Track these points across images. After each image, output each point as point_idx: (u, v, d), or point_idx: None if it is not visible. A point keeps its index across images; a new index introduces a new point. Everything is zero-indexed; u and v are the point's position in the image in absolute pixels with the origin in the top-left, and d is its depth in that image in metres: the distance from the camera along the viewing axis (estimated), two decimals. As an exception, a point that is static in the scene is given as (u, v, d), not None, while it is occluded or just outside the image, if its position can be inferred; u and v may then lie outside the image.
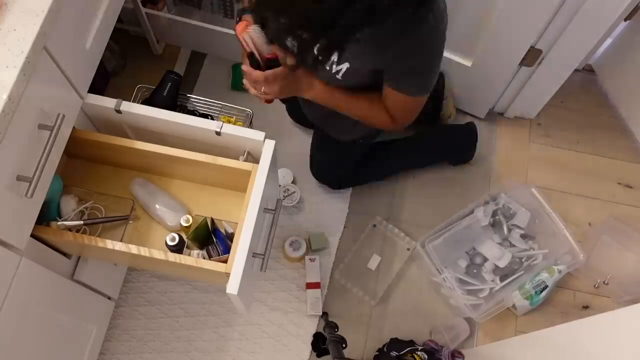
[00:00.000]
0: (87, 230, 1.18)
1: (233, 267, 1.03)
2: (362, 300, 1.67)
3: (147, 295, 1.63)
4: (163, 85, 1.61)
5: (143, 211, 1.25)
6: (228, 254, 1.09)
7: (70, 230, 1.11)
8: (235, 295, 1.01)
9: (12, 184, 0.90)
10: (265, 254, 1.10)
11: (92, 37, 1.10)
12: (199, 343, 1.59)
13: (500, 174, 1.87)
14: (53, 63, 0.96)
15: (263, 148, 1.13)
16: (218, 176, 1.20)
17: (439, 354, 1.53)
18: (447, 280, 1.58)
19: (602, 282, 1.69)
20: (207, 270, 1.07)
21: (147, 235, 1.24)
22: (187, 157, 1.14)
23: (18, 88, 0.85)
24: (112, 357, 1.57)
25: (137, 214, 1.25)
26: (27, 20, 0.88)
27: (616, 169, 1.89)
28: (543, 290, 1.62)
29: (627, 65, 1.89)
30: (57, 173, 1.09)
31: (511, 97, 1.85)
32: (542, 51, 1.60)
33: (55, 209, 1.14)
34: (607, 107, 1.99)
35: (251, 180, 1.10)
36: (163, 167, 1.23)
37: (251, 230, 1.05)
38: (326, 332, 1.49)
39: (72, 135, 1.10)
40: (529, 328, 1.65)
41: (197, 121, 1.15)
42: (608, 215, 1.80)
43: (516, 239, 1.66)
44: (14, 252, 0.96)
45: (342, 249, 1.73)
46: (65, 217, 1.14)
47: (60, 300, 1.19)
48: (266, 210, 1.15)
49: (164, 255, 1.07)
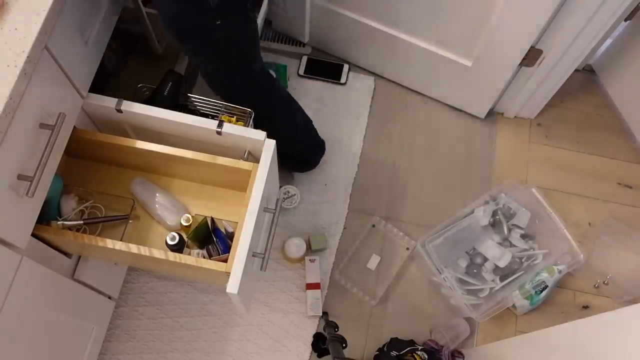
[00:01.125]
0: (87, 230, 1.18)
1: (233, 266, 1.03)
2: (362, 300, 1.67)
3: (148, 295, 1.63)
4: (164, 84, 1.60)
5: (143, 210, 1.25)
6: (228, 253, 1.09)
7: (70, 229, 1.11)
8: (235, 294, 1.01)
9: (12, 183, 0.90)
10: (265, 254, 1.10)
11: (93, 37, 1.10)
12: (199, 343, 1.59)
13: (500, 174, 1.87)
14: (54, 62, 0.96)
15: (263, 147, 1.13)
16: (219, 176, 1.20)
17: (439, 353, 1.53)
18: (447, 280, 1.58)
19: (602, 282, 1.70)
20: (207, 270, 1.07)
21: (147, 234, 1.24)
22: (188, 157, 1.14)
23: (19, 87, 0.85)
24: (112, 357, 1.56)
25: (137, 213, 1.25)
26: (28, 20, 0.88)
27: (616, 169, 1.90)
28: (543, 290, 1.62)
29: (627, 65, 1.89)
30: (58, 172, 1.09)
31: (511, 97, 1.85)
32: (542, 51, 1.60)
33: (55, 209, 1.14)
34: (607, 107, 1.99)
35: (251, 180, 1.11)
36: (163, 166, 1.23)
37: (251, 229, 1.05)
38: (326, 332, 1.49)
39: (72, 135, 1.10)
40: (529, 328, 1.65)
41: (197, 120, 1.15)
42: (608, 215, 1.80)
43: (516, 239, 1.66)
44: (14, 251, 0.96)
45: (341, 249, 1.73)
46: (65, 217, 1.14)
47: (61, 300, 1.19)
48: (266, 209, 1.15)
49: (164, 255, 1.07)
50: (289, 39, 2.03)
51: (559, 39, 1.54)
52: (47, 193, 1.04)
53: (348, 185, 1.82)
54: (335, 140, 1.87)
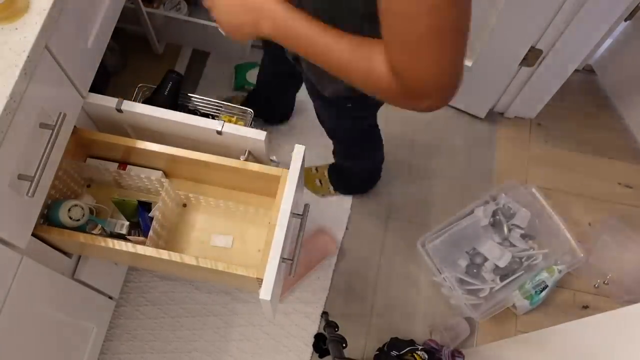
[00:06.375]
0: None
1: (265, 273, 1.02)
2: (362, 300, 1.67)
3: (149, 295, 1.63)
4: (164, 84, 1.61)
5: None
6: (147, 235, 1.11)
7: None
8: (268, 301, 1.01)
9: (13, 183, 0.90)
10: (294, 259, 1.09)
11: (93, 36, 1.10)
12: (200, 343, 1.59)
13: (500, 174, 1.87)
14: (54, 62, 0.96)
15: (293, 153, 1.11)
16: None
17: (439, 353, 1.53)
18: (447, 280, 1.58)
19: (602, 282, 1.70)
20: (236, 276, 1.05)
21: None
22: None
23: (19, 87, 0.85)
24: (113, 356, 1.57)
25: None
26: (29, 19, 0.88)
27: (616, 169, 1.90)
28: (543, 290, 1.62)
29: (627, 65, 1.89)
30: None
31: (511, 97, 1.85)
32: (542, 51, 1.60)
33: (57, 209, 1.14)
34: (607, 107, 1.99)
35: (281, 186, 1.09)
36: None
37: (282, 236, 1.04)
38: (326, 332, 1.49)
39: (73, 135, 1.10)
40: (529, 328, 1.65)
41: (198, 120, 1.15)
42: (608, 215, 1.80)
43: (516, 238, 1.66)
44: (15, 251, 0.96)
45: (343, 249, 1.73)
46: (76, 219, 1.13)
47: (61, 300, 1.19)
48: (294, 215, 1.13)
49: (195, 261, 1.04)
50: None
51: (559, 39, 1.54)
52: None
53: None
54: (336, 140, 1.87)
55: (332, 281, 1.68)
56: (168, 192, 1.17)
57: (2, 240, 0.92)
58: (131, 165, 1.21)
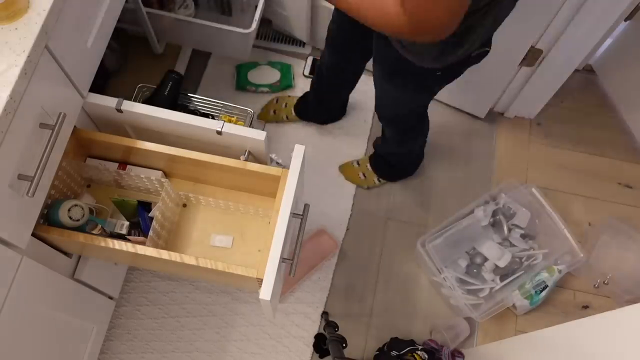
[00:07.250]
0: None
1: (265, 273, 1.02)
2: (362, 300, 1.67)
3: (150, 295, 1.63)
4: (164, 84, 1.61)
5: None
6: (147, 235, 1.11)
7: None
8: (268, 300, 1.01)
9: (13, 183, 0.90)
10: (294, 259, 1.09)
11: (93, 36, 1.10)
12: (200, 343, 1.59)
13: (500, 174, 1.87)
14: (54, 62, 0.96)
15: (293, 154, 1.11)
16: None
17: (439, 353, 1.53)
18: (447, 280, 1.58)
19: (602, 282, 1.70)
20: (237, 276, 1.05)
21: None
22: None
23: (20, 87, 0.85)
24: (113, 356, 1.57)
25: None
26: (29, 19, 0.88)
27: (616, 169, 1.90)
28: (543, 290, 1.62)
29: (627, 65, 1.89)
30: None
31: (511, 97, 1.85)
32: (542, 51, 1.60)
33: (56, 209, 1.14)
34: (607, 107, 1.99)
35: (281, 186, 1.09)
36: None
37: (282, 236, 1.04)
38: (326, 332, 1.49)
39: (73, 135, 1.10)
40: (529, 328, 1.65)
41: (198, 120, 1.15)
42: (608, 215, 1.80)
43: (516, 238, 1.66)
44: (15, 251, 0.96)
45: (344, 249, 1.73)
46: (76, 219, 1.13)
47: (61, 300, 1.19)
48: (295, 215, 1.13)
49: (195, 261, 1.05)
50: (289, 38, 2.03)
51: (559, 39, 1.54)
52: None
53: (351, 185, 1.82)
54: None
55: (332, 281, 1.69)
56: (168, 192, 1.17)
57: (2, 240, 0.92)
58: (131, 165, 1.21)
